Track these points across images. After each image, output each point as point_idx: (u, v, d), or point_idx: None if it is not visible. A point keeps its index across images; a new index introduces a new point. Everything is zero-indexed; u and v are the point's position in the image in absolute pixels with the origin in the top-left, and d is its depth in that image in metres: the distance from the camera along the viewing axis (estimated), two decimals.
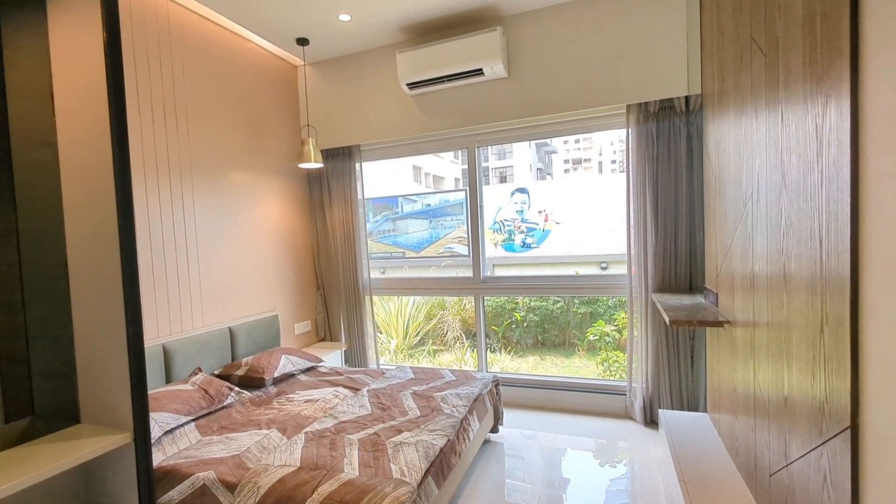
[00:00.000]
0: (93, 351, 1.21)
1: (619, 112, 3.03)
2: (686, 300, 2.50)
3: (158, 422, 2.14)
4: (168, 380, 2.66)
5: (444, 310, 5.72)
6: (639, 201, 2.94)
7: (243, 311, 3.29)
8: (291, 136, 3.83)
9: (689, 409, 2.86)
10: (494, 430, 2.93)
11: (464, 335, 5.46)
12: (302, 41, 3.41)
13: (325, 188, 3.90)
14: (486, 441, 2.91)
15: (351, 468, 1.84)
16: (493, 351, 5.37)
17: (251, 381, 2.85)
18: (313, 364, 3.29)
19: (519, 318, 5.37)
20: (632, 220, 2.99)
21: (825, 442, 1.17)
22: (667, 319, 2.13)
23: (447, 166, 13.41)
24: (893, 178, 0.91)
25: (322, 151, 3.79)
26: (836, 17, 1.07)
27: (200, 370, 2.76)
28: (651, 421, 3.01)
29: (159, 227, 2.69)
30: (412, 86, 3.34)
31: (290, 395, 2.75)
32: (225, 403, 2.55)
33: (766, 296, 1.55)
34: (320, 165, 3.56)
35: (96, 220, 1.17)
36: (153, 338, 2.64)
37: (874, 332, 0.98)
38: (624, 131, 3.01)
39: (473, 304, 3.83)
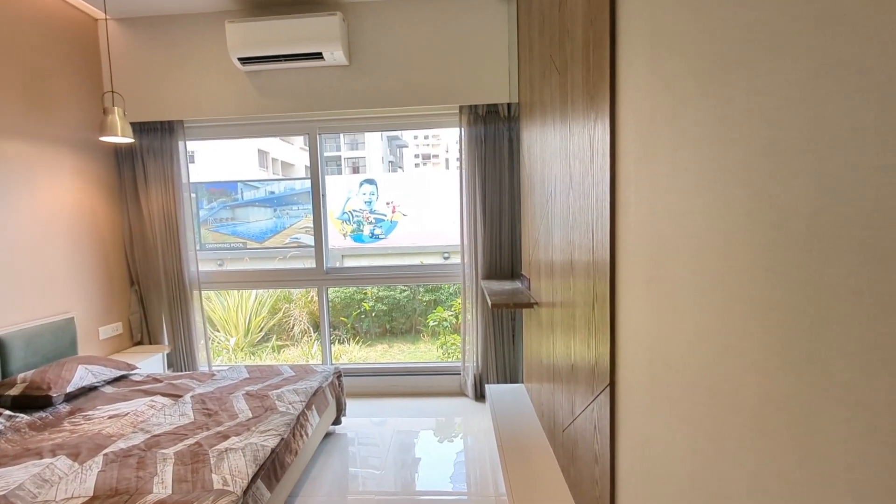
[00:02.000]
0: None
1: (454, 112, 3.21)
2: (507, 286, 2.80)
3: None
4: None
5: (291, 303, 5.44)
6: (470, 196, 3.18)
7: (20, 315, 2.66)
8: (90, 103, 3.19)
9: (510, 382, 3.23)
10: (337, 421, 2.90)
11: (311, 328, 5.28)
12: None
13: (140, 168, 3.35)
14: (330, 434, 2.88)
15: (162, 487, 1.64)
16: (343, 342, 5.30)
17: (32, 401, 2.33)
18: (124, 373, 2.83)
19: (368, 307, 5.39)
20: (465, 214, 3.22)
21: (595, 398, 1.43)
22: (489, 303, 2.36)
23: (297, 153, 12.67)
24: (635, 182, 1.14)
25: (134, 125, 3.23)
26: (602, 45, 1.30)
27: None
28: (480, 395, 3.32)
29: None
30: (245, 61, 3.06)
31: (89, 413, 2.33)
32: None
33: (560, 280, 1.82)
34: (131, 141, 3.02)
35: None
36: None
37: (623, 307, 1.23)
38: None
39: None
